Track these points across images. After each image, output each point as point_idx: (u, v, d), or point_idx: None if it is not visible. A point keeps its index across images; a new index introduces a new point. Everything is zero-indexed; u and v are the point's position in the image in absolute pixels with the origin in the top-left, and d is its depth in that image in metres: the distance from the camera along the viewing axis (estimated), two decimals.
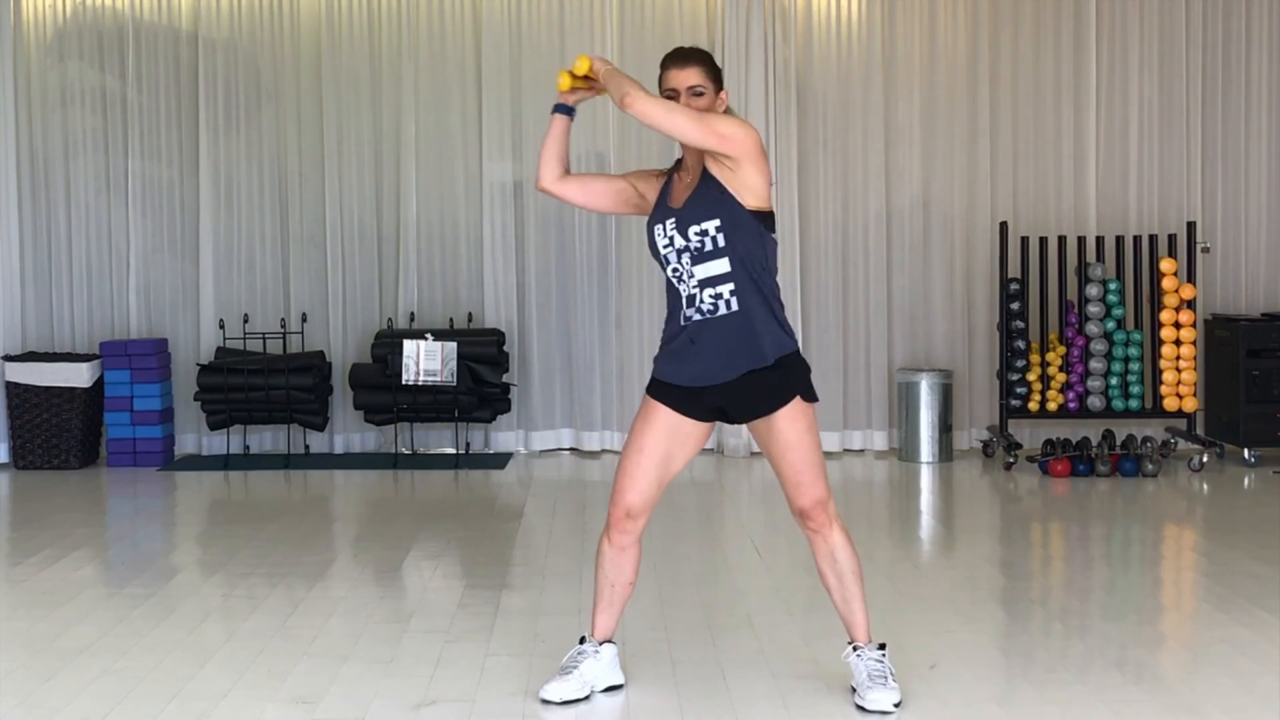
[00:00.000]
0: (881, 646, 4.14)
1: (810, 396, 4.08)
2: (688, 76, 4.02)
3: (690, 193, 4.02)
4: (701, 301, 3.98)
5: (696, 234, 3.96)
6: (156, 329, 9.26)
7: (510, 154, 9.20)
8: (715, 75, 4.08)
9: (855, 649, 4.11)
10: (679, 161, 4.15)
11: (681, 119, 3.90)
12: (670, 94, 4.03)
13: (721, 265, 3.96)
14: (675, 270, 4.02)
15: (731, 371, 3.99)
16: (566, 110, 4.19)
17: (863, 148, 9.15)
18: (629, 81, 3.97)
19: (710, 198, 3.97)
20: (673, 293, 4.07)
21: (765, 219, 4.02)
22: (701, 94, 4.02)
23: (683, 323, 4.03)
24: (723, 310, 3.97)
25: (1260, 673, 4.35)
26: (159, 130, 9.23)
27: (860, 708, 4.03)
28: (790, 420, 4.01)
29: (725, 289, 3.96)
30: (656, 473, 4.08)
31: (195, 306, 9.26)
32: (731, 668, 4.44)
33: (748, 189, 3.97)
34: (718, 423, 4.19)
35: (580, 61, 4.12)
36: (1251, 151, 9.15)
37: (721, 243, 3.95)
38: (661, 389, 4.09)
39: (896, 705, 4.01)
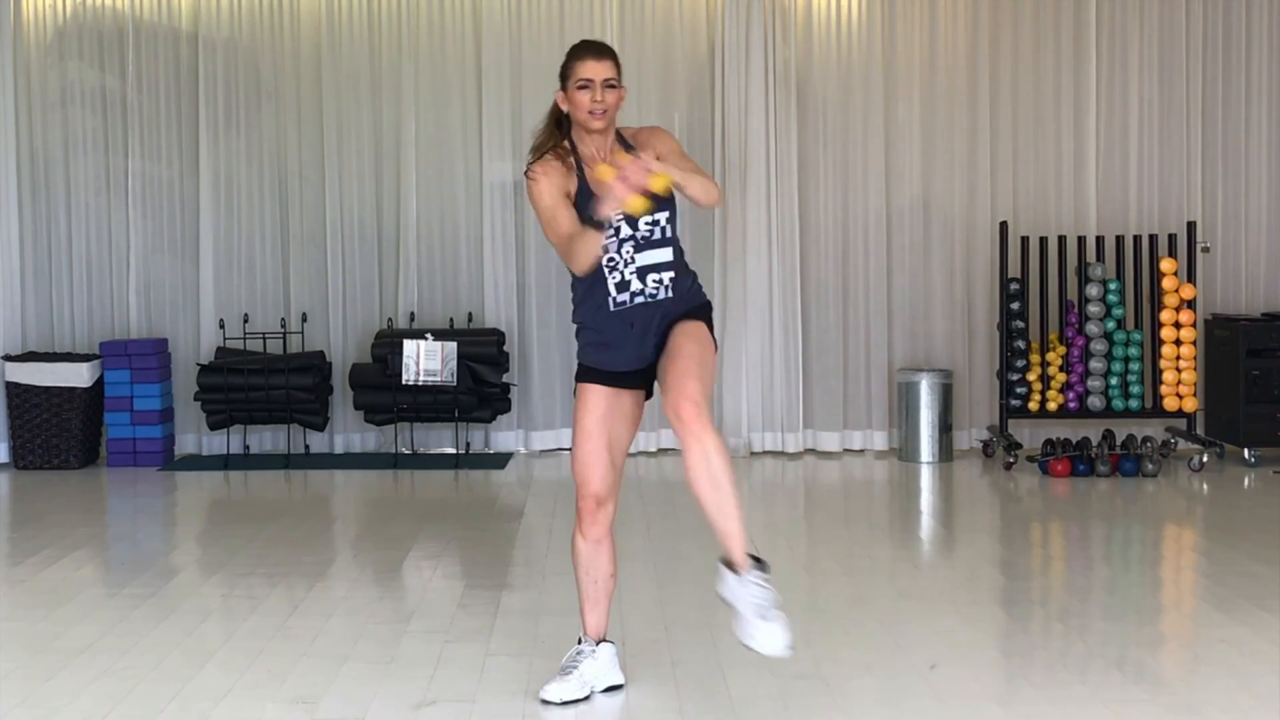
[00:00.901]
0: (759, 563, 3.80)
1: (710, 327, 4.12)
2: (604, 69, 4.03)
3: None
4: (643, 286, 4.04)
5: (647, 224, 4.03)
6: (156, 329, 9.26)
7: (510, 154, 9.19)
8: (620, 72, 4.09)
9: (732, 568, 3.81)
10: (562, 146, 4.07)
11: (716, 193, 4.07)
12: (585, 84, 4.01)
13: (665, 253, 4.06)
14: (610, 259, 4.02)
15: (658, 348, 4.07)
16: (603, 226, 3.88)
17: (863, 148, 9.15)
18: (694, 176, 4.00)
19: None
20: (594, 281, 4.04)
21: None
22: (614, 87, 4.04)
23: (613, 308, 4.05)
24: (662, 295, 4.05)
25: (1260, 673, 4.35)
26: (159, 130, 9.23)
27: (748, 647, 3.78)
28: (685, 335, 4.03)
29: (666, 275, 4.06)
30: (608, 454, 4.11)
31: (195, 306, 9.26)
32: (731, 668, 4.44)
33: None
34: (654, 379, 4.18)
35: (660, 179, 3.83)
36: (1251, 151, 9.15)
37: (669, 232, 4.07)
38: (594, 374, 4.12)
39: (791, 648, 3.77)
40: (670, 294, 4.06)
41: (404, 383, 8.55)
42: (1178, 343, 8.53)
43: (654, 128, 4.26)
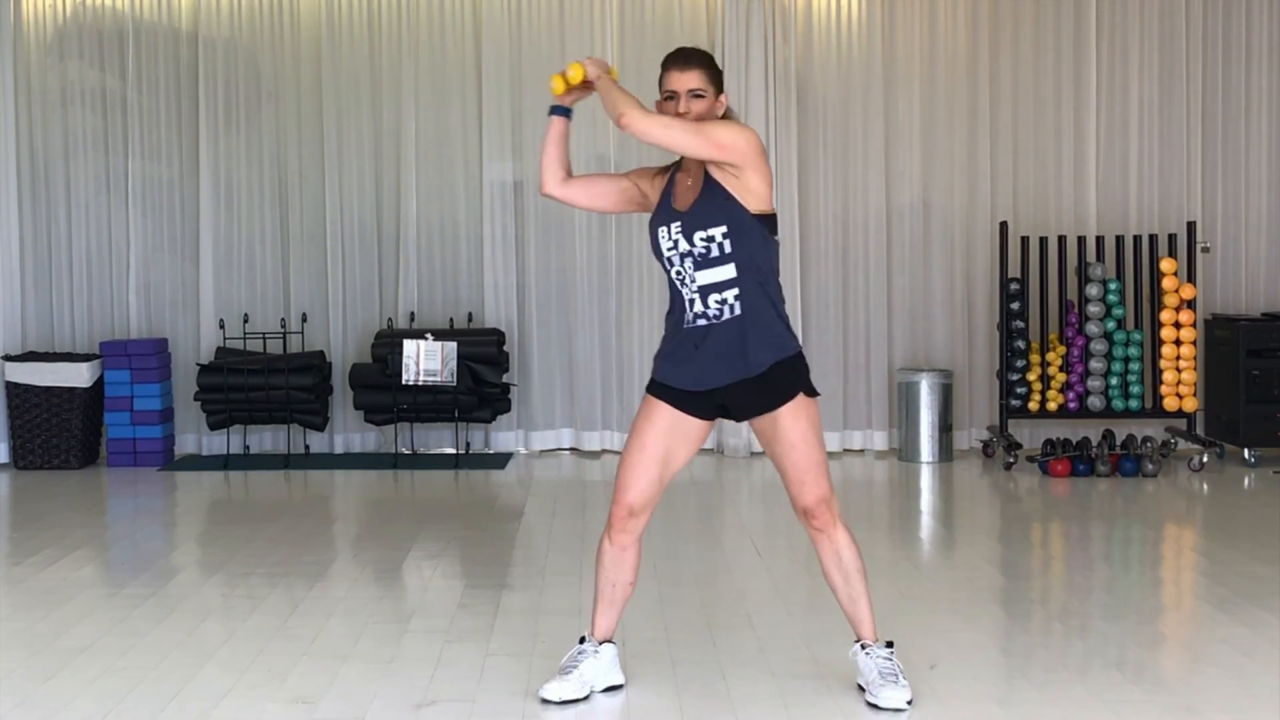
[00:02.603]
0: (889, 645, 4.15)
1: (811, 392, 4.07)
2: (689, 79, 4.01)
3: (695, 197, 4.00)
4: (706, 306, 3.98)
5: (702, 240, 3.96)
6: (156, 329, 9.26)
7: (510, 154, 9.20)
8: (716, 78, 4.07)
9: (864, 647, 4.12)
10: (680, 159, 4.13)
11: (679, 133, 3.89)
12: (670, 95, 4.02)
13: (727, 271, 3.96)
14: (678, 273, 4.02)
15: (733, 375, 3.99)
16: (564, 112, 4.18)
17: (863, 148, 9.15)
18: (624, 98, 3.95)
19: (716, 204, 3.96)
20: (675, 294, 4.07)
21: (768, 222, 4.02)
22: (701, 96, 4.01)
23: (685, 326, 4.03)
24: (727, 315, 3.97)
25: (1260, 673, 4.35)
26: (159, 130, 9.23)
27: (874, 705, 4.03)
28: (793, 418, 4.00)
29: (730, 294, 3.96)
30: (657, 470, 4.07)
31: (195, 306, 9.26)
32: (731, 668, 4.44)
33: (750, 193, 3.97)
34: (719, 422, 4.19)
35: (574, 70, 4.09)
36: (1251, 151, 9.15)
37: (728, 249, 3.95)
38: (662, 389, 4.09)
39: (909, 703, 4.03)
40: (739, 313, 3.96)
41: (404, 383, 8.56)
42: (1178, 343, 8.53)
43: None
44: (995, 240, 8.97)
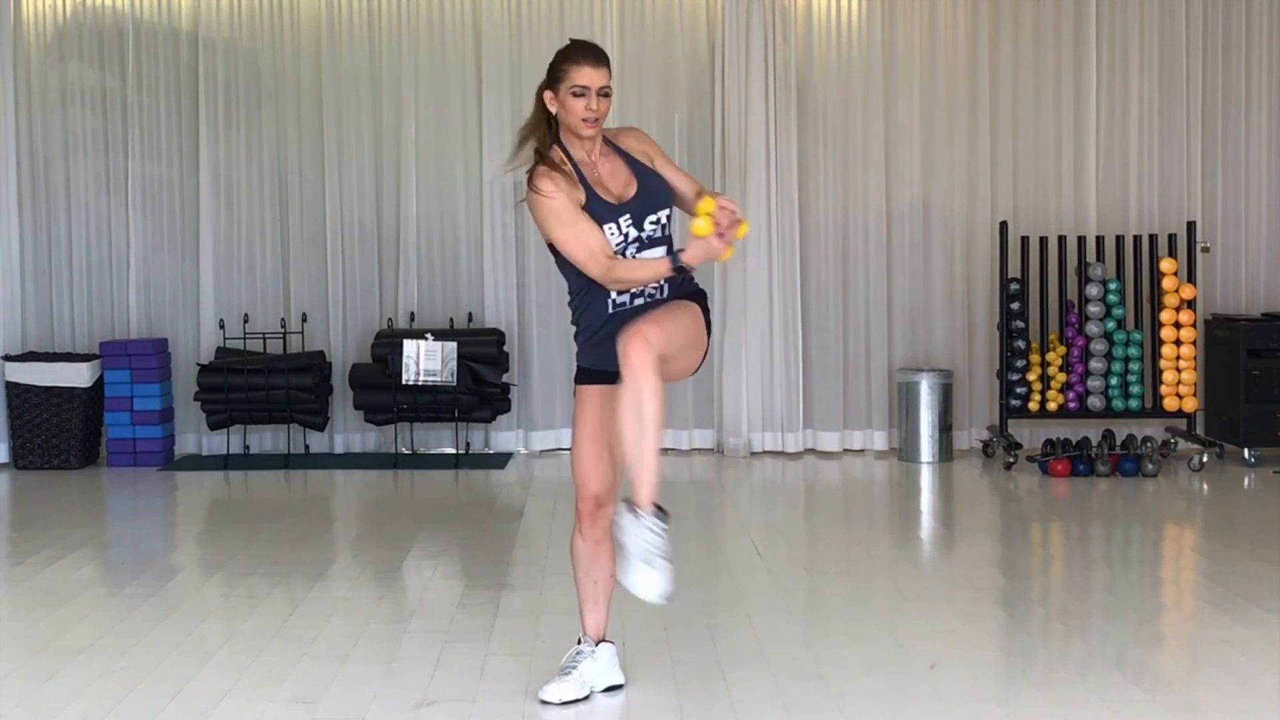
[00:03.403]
0: (661, 511, 3.77)
1: (706, 313, 4.07)
2: (601, 77, 3.98)
3: (635, 184, 4.02)
4: (644, 286, 4.00)
5: (652, 223, 4.02)
6: (156, 329, 9.26)
7: (510, 154, 9.17)
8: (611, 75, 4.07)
9: (633, 509, 3.76)
10: (547, 156, 4.01)
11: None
12: (581, 91, 3.95)
13: (663, 249, 4.03)
14: None
15: None
16: (680, 269, 3.97)
17: (863, 148, 9.15)
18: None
19: (660, 185, 4.06)
20: (591, 286, 4.02)
21: None
22: (608, 95, 4.00)
23: (612, 310, 4.01)
24: (660, 295, 4.03)
25: (1260, 673, 4.35)
26: (159, 130, 9.23)
27: (623, 586, 3.79)
28: (673, 301, 4.02)
29: None
30: (608, 455, 4.08)
31: (195, 306, 9.26)
32: (731, 668, 4.44)
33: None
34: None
35: (708, 223, 3.91)
36: (1251, 151, 9.15)
37: (668, 229, 4.07)
38: (591, 375, 4.10)
39: (668, 599, 3.76)
40: (666, 292, 4.04)
41: (404, 383, 8.55)
42: (1178, 343, 8.53)
43: (632, 129, 4.22)
44: (995, 240, 8.97)
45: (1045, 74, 9.14)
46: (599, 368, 4.08)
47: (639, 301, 4.02)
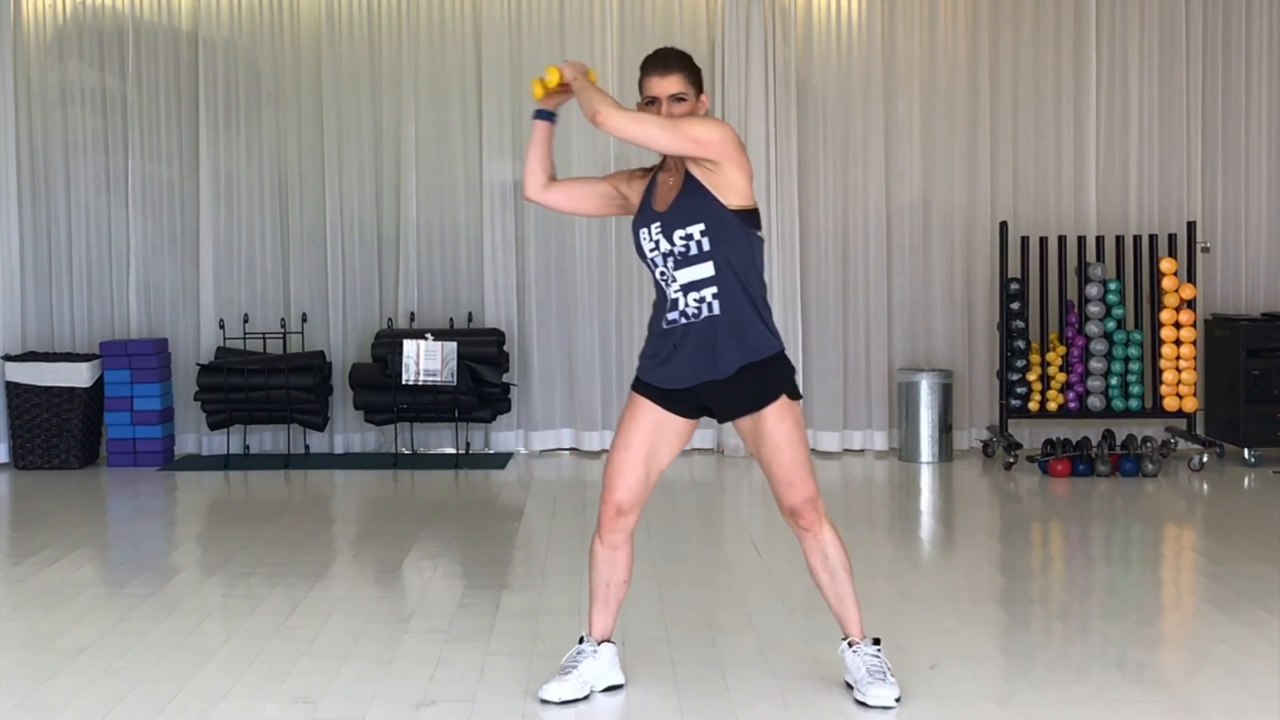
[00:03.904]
0: (876, 641, 4.17)
1: (795, 394, 4.07)
2: (670, 84, 3.99)
3: (674, 195, 4.01)
4: (686, 305, 3.99)
5: (681, 238, 3.97)
6: (156, 329, 9.26)
7: (510, 154, 9.20)
8: (696, 80, 4.06)
9: (851, 644, 4.13)
10: (663, 160, 4.13)
11: (655, 130, 3.90)
12: (650, 100, 4.00)
13: (706, 269, 3.97)
14: (662, 274, 4.04)
15: (703, 376, 4.01)
16: (546, 116, 4.19)
17: (863, 148, 9.15)
18: (599, 96, 3.95)
19: (694, 201, 3.97)
20: (660, 293, 4.08)
21: (749, 217, 4.03)
22: (683, 100, 4.00)
23: (665, 325, 4.04)
24: (705, 314, 3.98)
25: (1260, 673, 4.35)
26: (159, 130, 9.23)
27: (862, 703, 4.04)
28: (777, 419, 4.00)
29: (709, 292, 3.97)
30: (644, 468, 4.08)
31: (195, 306, 9.26)
32: (731, 668, 4.44)
33: (730, 188, 3.97)
34: (718, 423, 4.21)
35: (550, 73, 4.09)
36: (1251, 151, 9.15)
37: (706, 246, 3.96)
38: (646, 387, 4.11)
39: (898, 700, 4.03)
40: (716, 312, 3.97)
41: (404, 383, 8.56)
42: (1178, 343, 8.53)
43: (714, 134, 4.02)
44: (995, 240, 8.97)
45: (1045, 74, 9.14)
46: (654, 383, 4.08)
47: (681, 321, 4.00)
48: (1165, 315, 8.55)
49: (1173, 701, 4.09)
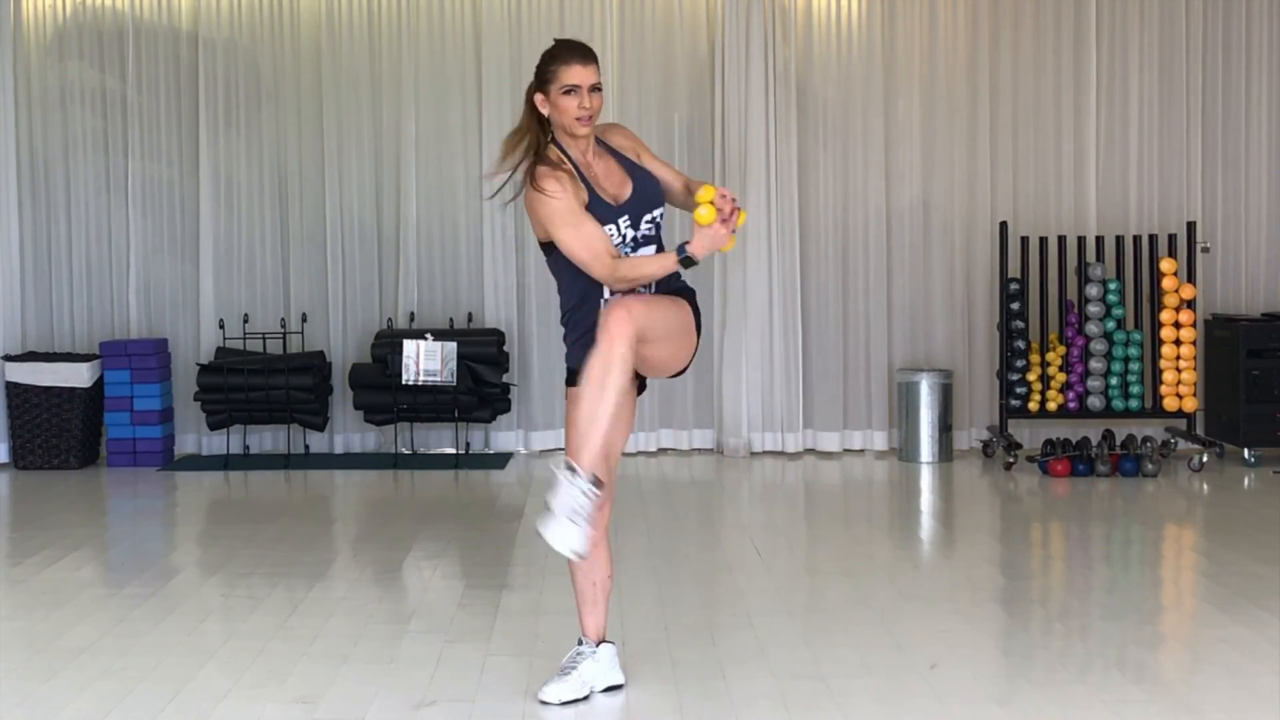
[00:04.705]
0: (597, 480, 3.81)
1: (694, 303, 4.09)
2: (591, 74, 3.98)
3: (630, 184, 4.05)
4: (645, 285, 4.04)
5: (648, 222, 4.05)
6: (156, 329, 9.26)
7: (497, 160, 9.16)
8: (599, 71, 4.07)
9: (572, 469, 3.80)
10: (545, 156, 4.02)
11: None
12: (571, 89, 3.96)
13: (653, 249, 4.07)
14: None
15: None
16: (689, 264, 3.97)
17: (863, 148, 9.15)
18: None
19: (653, 185, 4.09)
20: (587, 284, 4.02)
21: None
22: (599, 90, 4.01)
23: (604, 307, 3.98)
24: (650, 291, 4.05)
25: (1260, 673, 4.35)
26: (159, 130, 9.23)
27: (538, 533, 3.78)
28: (663, 295, 4.04)
29: None
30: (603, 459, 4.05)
31: (195, 306, 9.26)
32: (731, 668, 4.44)
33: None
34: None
35: (710, 211, 3.91)
36: (1251, 151, 9.15)
37: (661, 227, 4.11)
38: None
39: (580, 555, 3.78)
40: (653, 288, 4.05)
41: (404, 383, 8.55)
42: (1178, 343, 8.53)
43: (616, 125, 4.23)
44: (995, 240, 8.97)
45: (1045, 74, 9.14)
46: None
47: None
48: (1165, 315, 8.55)
49: (1173, 701, 4.09)
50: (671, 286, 4.09)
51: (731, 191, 3.96)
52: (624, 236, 4.00)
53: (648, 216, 4.03)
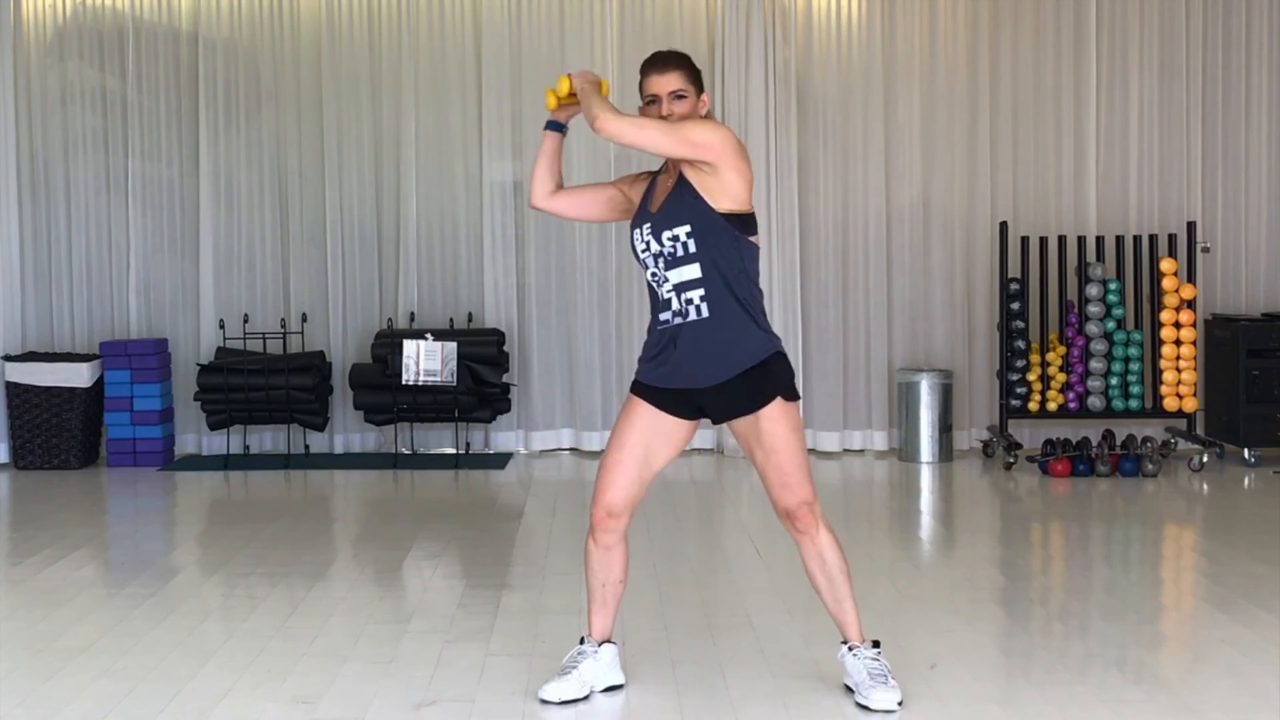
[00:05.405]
0: (876, 644, 4.14)
1: (792, 395, 4.05)
2: (669, 81, 4.01)
3: (666, 196, 4.04)
4: (677, 306, 4.01)
5: (669, 239, 3.99)
6: (156, 329, 9.26)
7: (510, 154, 9.20)
8: (696, 78, 4.07)
9: (850, 648, 4.11)
10: (664, 163, 4.15)
11: (654, 133, 3.91)
12: (651, 100, 4.02)
13: (693, 270, 3.98)
14: (654, 274, 4.05)
15: (708, 378, 4.00)
16: (558, 127, 4.21)
17: (863, 148, 9.15)
18: (600, 101, 3.98)
19: (683, 202, 3.99)
20: (653, 294, 4.09)
21: (741, 222, 4.02)
22: (683, 98, 4.01)
23: (659, 325, 4.07)
24: (693, 316, 3.99)
25: (1260, 673, 4.35)
26: (159, 130, 9.23)
27: (864, 707, 4.02)
28: (773, 421, 4.00)
29: (696, 294, 3.98)
30: (637, 470, 4.08)
31: (195, 306, 9.26)
32: (731, 668, 4.44)
33: (724, 192, 3.97)
34: (713, 424, 4.19)
35: (561, 82, 4.12)
36: (1251, 151, 9.15)
37: (693, 248, 3.97)
38: (643, 388, 4.11)
39: (900, 704, 4.02)
40: (704, 315, 3.98)
41: (404, 383, 8.55)
42: (1178, 343, 8.53)
43: (715, 144, 3.99)
44: (995, 240, 8.97)
45: (1045, 74, 9.14)
46: (651, 384, 4.09)
47: (676, 320, 4.01)
48: (1165, 315, 8.55)
49: (1173, 701, 4.09)
50: (757, 354, 4.01)
51: (585, 79, 4.08)
52: (647, 244, 4.02)
53: (668, 233, 3.98)
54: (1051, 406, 8.60)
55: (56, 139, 9.21)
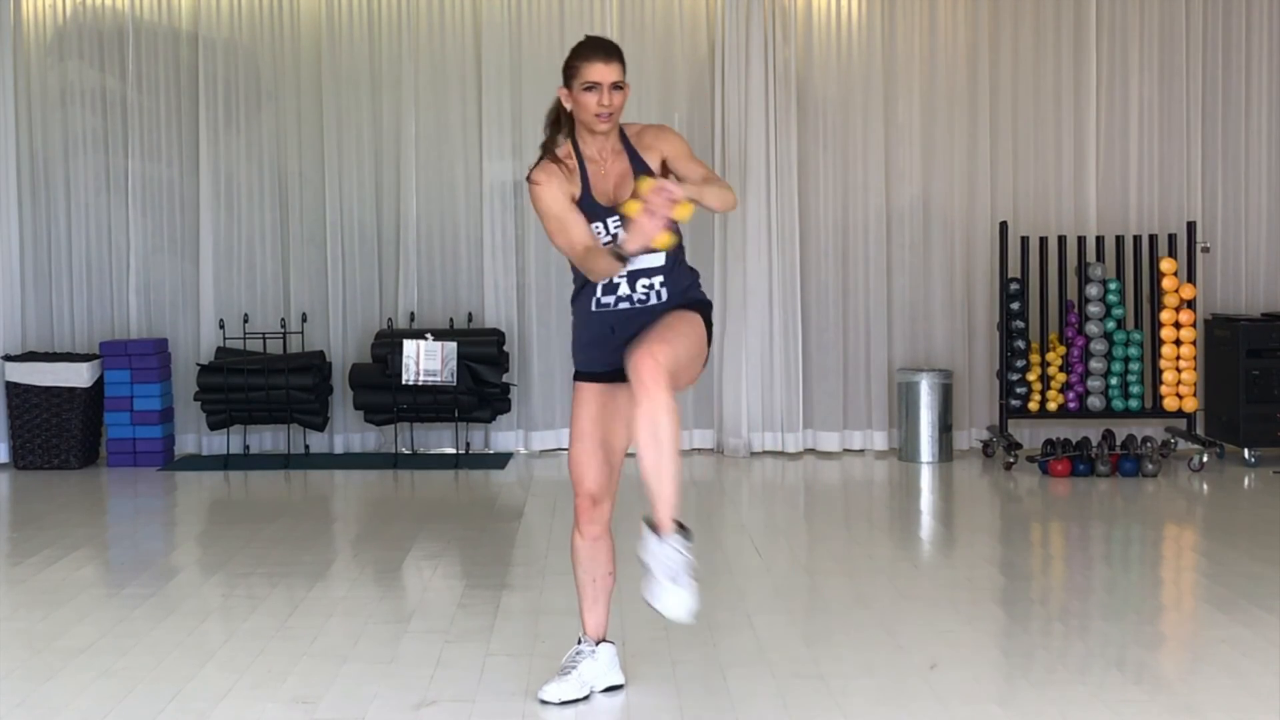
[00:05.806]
0: (683, 529, 3.83)
1: (706, 319, 4.05)
2: (613, 71, 3.97)
3: (619, 184, 4.02)
4: (631, 291, 4.01)
5: None
6: (156, 329, 9.26)
7: (510, 154, 9.20)
8: (626, 70, 4.04)
9: (655, 530, 3.83)
10: (552, 150, 4.04)
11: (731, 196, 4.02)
12: (592, 86, 3.95)
13: (657, 258, 4.00)
14: None
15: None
16: (625, 261, 3.89)
17: (863, 148, 9.15)
18: (712, 191, 3.96)
19: None
20: (583, 283, 4.06)
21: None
22: (621, 89, 3.99)
23: (595, 309, 4.03)
24: (653, 300, 4.02)
25: (1260, 673, 4.35)
26: (159, 130, 9.23)
27: (650, 606, 3.84)
28: (670, 313, 3.99)
29: (657, 280, 4.01)
30: (603, 454, 4.10)
31: (195, 306, 9.26)
32: (731, 668, 4.45)
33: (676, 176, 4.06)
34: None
35: (643, 182, 3.87)
36: (1251, 151, 9.15)
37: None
38: (586, 375, 4.13)
39: (694, 616, 3.82)
40: (662, 300, 4.02)
41: (404, 383, 8.55)
42: (1178, 343, 8.53)
43: (659, 126, 4.17)
44: (995, 240, 8.97)
45: (1045, 74, 9.14)
46: (585, 369, 4.12)
47: (623, 305, 4.02)
48: (1165, 315, 8.55)
49: (1173, 701, 4.09)
50: (691, 298, 4.08)
51: (678, 187, 3.80)
52: (613, 237, 3.98)
53: None
54: (1051, 406, 8.60)
55: (56, 139, 9.21)
